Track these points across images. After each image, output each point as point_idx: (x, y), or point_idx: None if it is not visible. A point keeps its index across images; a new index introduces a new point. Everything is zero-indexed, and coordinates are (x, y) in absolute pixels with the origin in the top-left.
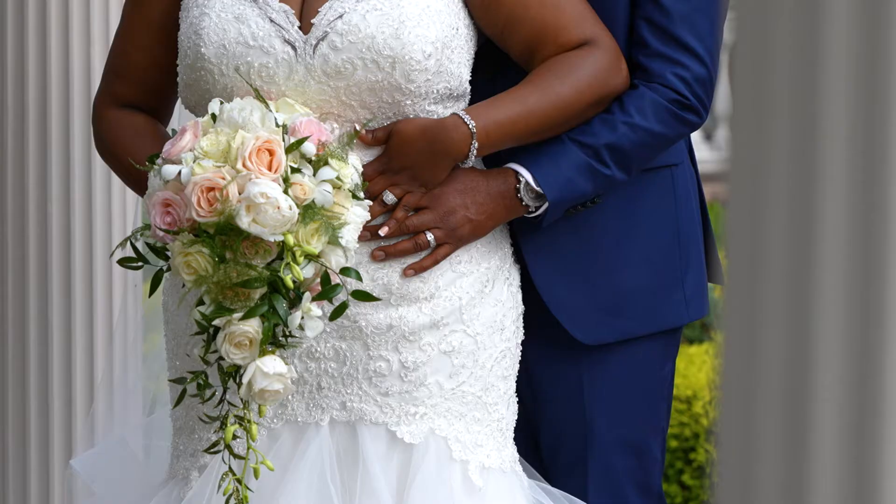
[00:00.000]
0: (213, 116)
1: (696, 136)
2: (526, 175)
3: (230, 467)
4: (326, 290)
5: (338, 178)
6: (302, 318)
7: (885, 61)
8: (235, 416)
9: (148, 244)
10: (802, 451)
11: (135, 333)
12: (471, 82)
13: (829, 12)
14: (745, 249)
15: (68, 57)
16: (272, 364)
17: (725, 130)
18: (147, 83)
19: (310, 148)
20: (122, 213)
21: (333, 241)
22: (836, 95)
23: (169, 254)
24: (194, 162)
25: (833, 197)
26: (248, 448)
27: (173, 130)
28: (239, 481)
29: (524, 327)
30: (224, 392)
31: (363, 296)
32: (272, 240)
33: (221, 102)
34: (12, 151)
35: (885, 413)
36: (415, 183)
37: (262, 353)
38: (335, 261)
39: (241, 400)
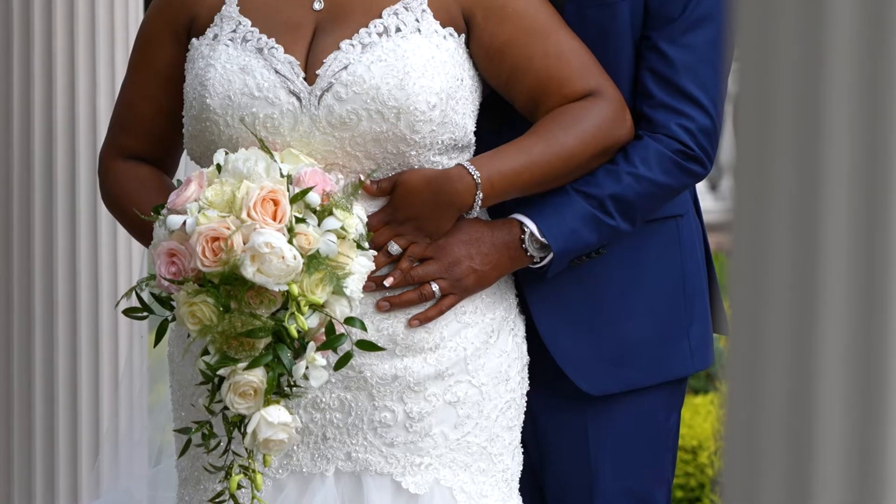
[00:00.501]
0: (218, 167)
1: (700, 186)
2: (531, 226)
3: None
4: (331, 339)
5: (342, 228)
6: (306, 367)
7: (887, 111)
8: (240, 465)
9: (153, 294)
10: (806, 501)
11: (140, 384)
12: (476, 133)
13: (833, 64)
14: (748, 300)
15: (74, 108)
16: (277, 414)
17: (730, 180)
18: (153, 135)
19: (314, 198)
20: (127, 264)
21: (338, 290)
22: (838, 145)
23: (174, 304)
24: (199, 212)
25: (835, 246)
26: (253, 498)
27: (178, 181)
28: None
29: (529, 377)
30: (229, 442)
31: (368, 346)
32: (277, 289)
33: (226, 153)
34: (18, 201)
35: (888, 463)
36: (420, 234)
37: (267, 402)
38: (340, 310)
39: (246, 450)
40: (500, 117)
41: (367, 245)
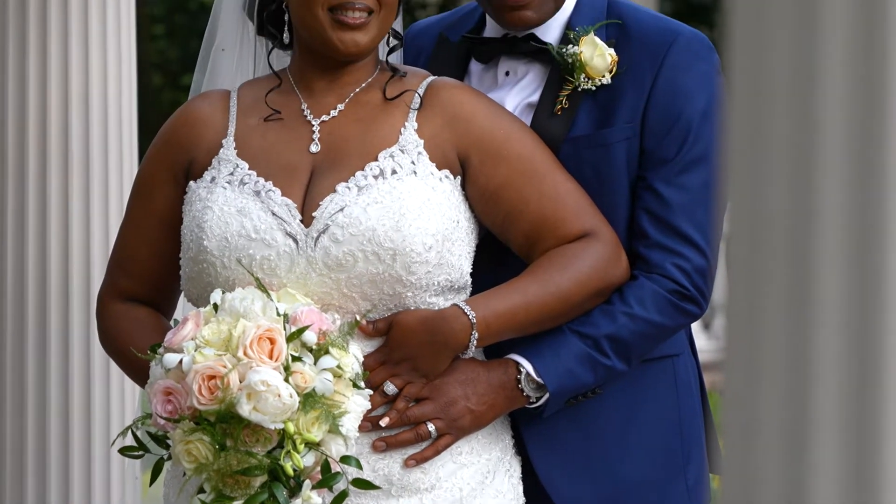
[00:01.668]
0: (215, 306)
1: (694, 325)
2: (527, 366)
3: None
4: (327, 478)
5: (338, 366)
6: None
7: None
8: None
9: (149, 433)
10: None
11: None
12: (472, 274)
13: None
14: (740, 442)
15: (68, 252)
16: None
17: (723, 320)
18: (151, 277)
19: (311, 337)
20: (119, 408)
21: (334, 429)
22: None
23: (170, 442)
24: (196, 350)
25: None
26: None
27: (175, 321)
28: None
29: None
30: None
31: (364, 484)
32: (273, 427)
33: (223, 292)
34: (11, 357)
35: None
36: (416, 374)
37: None
38: (335, 449)
39: None
40: (496, 258)
41: (363, 384)
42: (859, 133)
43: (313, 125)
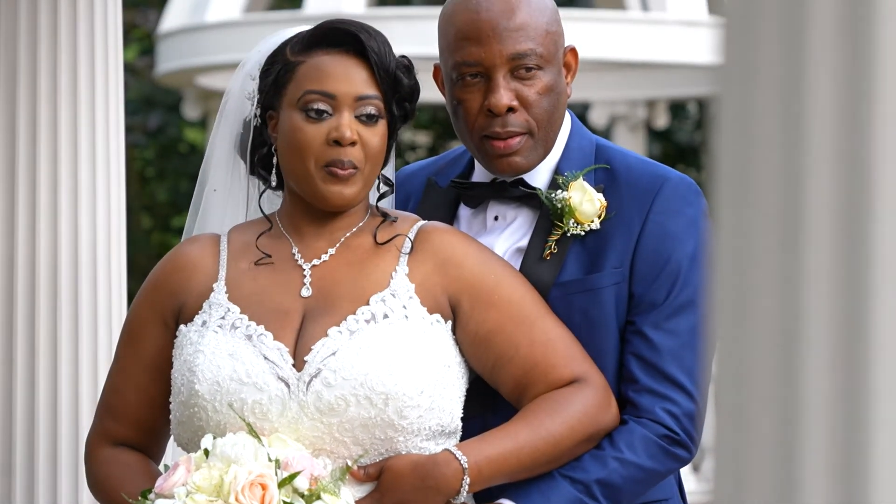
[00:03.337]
0: (206, 451)
1: (684, 469)
2: None
3: None
4: None
5: None
6: None
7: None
8: None
9: None
10: None
11: None
12: (462, 418)
13: (809, 354)
14: None
15: (56, 396)
16: None
17: (712, 462)
18: (140, 421)
19: (302, 482)
20: None
21: None
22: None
23: None
24: (187, 496)
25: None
26: None
27: (166, 466)
28: None
29: None
30: None
31: None
32: None
33: (214, 437)
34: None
35: None
36: None
37: None
38: None
39: None
40: (486, 402)
41: None
42: (845, 280)
43: (304, 269)
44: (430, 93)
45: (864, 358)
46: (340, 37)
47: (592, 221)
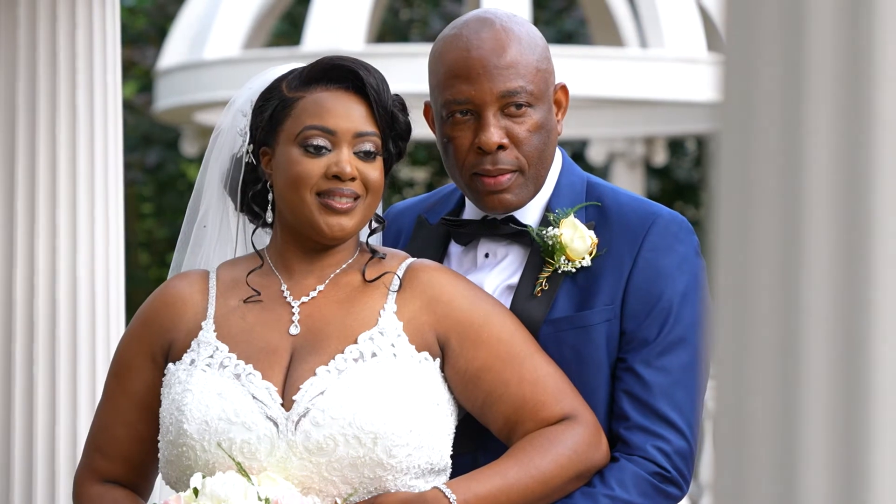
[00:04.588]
0: (195, 490)
1: None
2: None
3: None
4: None
5: None
6: None
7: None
8: None
9: None
10: None
11: None
12: (451, 456)
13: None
14: None
15: (54, 429)
16: None
17: (711, 499)
18: (128, 459)
19: None
20: None
21: None
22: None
23: None
24: None
25: None
26: None
27: None
28: None
29: None
30: None
31: None
32: None
33: (203, 476)
34: None
35: None
36: None
37: None
38: None
39: None
40: (475, 440)
41: None
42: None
43: (293, 307)
44: (428, 130)
45: (864, 405)
46: (340, 73)
47: (583, 258)
